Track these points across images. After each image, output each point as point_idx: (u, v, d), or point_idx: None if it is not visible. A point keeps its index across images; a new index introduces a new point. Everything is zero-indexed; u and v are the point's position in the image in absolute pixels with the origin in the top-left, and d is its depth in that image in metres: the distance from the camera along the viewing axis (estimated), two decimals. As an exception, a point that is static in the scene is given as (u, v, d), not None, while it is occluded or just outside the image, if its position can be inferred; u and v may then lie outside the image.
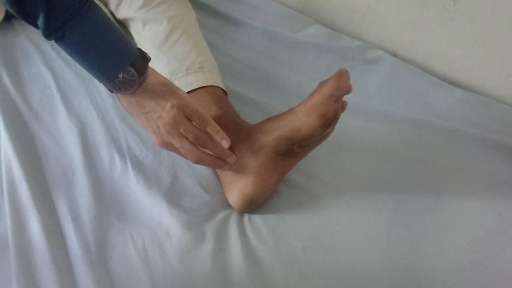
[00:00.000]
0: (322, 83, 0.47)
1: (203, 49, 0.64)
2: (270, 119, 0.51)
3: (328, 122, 0.48)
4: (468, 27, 0.72)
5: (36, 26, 0.41)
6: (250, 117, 0.59)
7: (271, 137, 0.49)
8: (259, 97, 0.68)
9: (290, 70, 0.75)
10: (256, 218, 0.52)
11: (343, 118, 0.65)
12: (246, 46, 0.79)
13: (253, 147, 0.50)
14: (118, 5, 0.70)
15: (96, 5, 0.42)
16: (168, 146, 0.48)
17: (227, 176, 0.53)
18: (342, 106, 0.50)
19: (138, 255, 0.48)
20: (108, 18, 0.43)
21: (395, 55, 0.82)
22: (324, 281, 0.47)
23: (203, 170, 0.57)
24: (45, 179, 0.53)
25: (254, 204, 0.52)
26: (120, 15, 0.70)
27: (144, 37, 0.66)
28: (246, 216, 0.53)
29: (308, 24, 0.85)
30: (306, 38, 0.81)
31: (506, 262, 0.50)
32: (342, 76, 0.46)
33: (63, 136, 0.58)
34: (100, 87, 0.65)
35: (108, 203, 0.52)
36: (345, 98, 0.70)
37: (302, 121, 0.47)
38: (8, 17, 0.73)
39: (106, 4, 0.72)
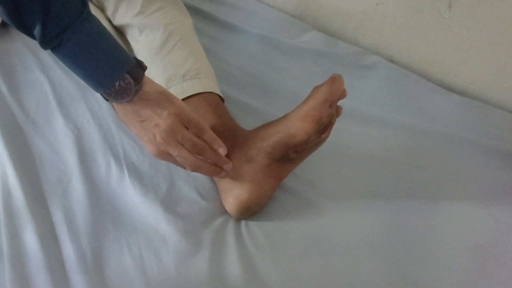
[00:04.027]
0: (315, 88, 0.47)
1: (199, 56, 0.64)
2: (266, 125, 0.51)
3: (323, 127, 0.48)
4: (463, 33, 0.72)
5: (32, 36, 0.41)
6: (247, 123, 0.59)
7: (266, 143, 0.49)
8: (256, 103, 0.68)
9: (287, 76, 0.75)
10: (253, 225, 0.52)
11: (340, 124, 0.65)
12: (243, 52, 0.79)
13: (249, 153, 0.50)
14: (115, 11, 0.70)
15: (91, 14, 0.42)
16: (164, 155, 0.48)
17: (223, 182, 0.53)
18: (337, 111, 0.50)
19: (134, 262, 0.47)
20: (103, 27, 0.43)
21: (391, 60, 0.83)
22: (321, 288, 0.47)
23: (200, 177, 0.56)
24: (41, 186, 0.53)
25: (251, 211, 0.52)
26: (117, 21, 0.70)
27: (141, 43, 0.66)
28: (243, 223, 0.53)
29: (305, 30, 0.86)
30: (303, 44, 0.81)
31: (503, 268, 0.50)
32: (335, 80, 0.46)
33: (59, 143, 0.58)
34: (97, 94, 0.65)
35: (104, 210, 0.52)
36: (342, 103, 0.70)
37: (296, 126, 0.47)
38: (4, 24, 0.73)
39: (103, 10, 0.72)
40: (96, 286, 0.45)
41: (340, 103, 0.69)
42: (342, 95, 0.48)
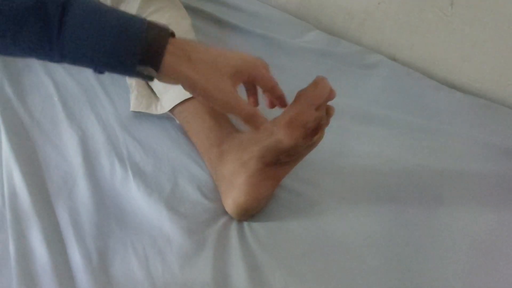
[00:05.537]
0: (299, 93, 0.47)
1: None
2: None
3: (310, 131, 0.47)
4: (466, 31, 0.72)
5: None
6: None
7: (257, 147, 0.49)
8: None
9: (289, 76, 0.75)
10: (256, 225, 0.52)
11: (343, 123, 0.65)
12: (245, 52, 0.79)
13: (243, 156, 0.50)
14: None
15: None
16: None
17: (223, 185, 0.53)
18: (328, 112, 0.49)
19: (139, 262, 0.48)
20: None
21: (394, 59, 0.83)
22: (324, 287, 0.47)
23: (204, 177, 0.57)
24: (46, 188, 0.54)
25: (250, 213, 0.52)
26: None
27: None
28: (246, 222, 0.53)
29: (307, 30, 0.86)
30: (305, 44, 0.81)
31: (508, 266, 0.49)
32: (318, 84, 0.45)
33: (64, 145, 0.59)
34: (101, 95, 0.65)
35: (109, 211, 0.52)
36: (345, 102, 0.70)
37: (282, 132, 0.46)
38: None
39: None
40: (102, 286, 0.45)
41: (343, 102, 0.69)
42: (330, 96, 0.46)
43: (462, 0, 0.70)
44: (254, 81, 0.44)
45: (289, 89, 0.72)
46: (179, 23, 0.67)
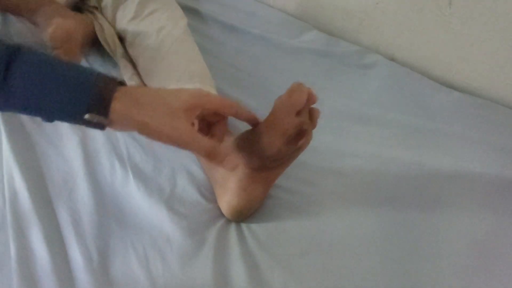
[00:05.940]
0: (276, 100, 0.46)
1: (193, 58, 0.64)
2: (243, 134, 0.50)
3: (293, 137, 0.46)
4: (465, 30, 0.72)
5: None
6: (246, 124, 0.59)
7: (242, 153, 0.48)
8: (256, 103, 0.68)
9: (288, 76, 0.75)
10: (255, 225, 0.52)
11: (341, 123, 0.66)
12: (243, 52, 0.79)
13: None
14: (113, 19, 0.71)
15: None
16: None
17: (217, 188, 0.54)
18: (313, 116, 0.47)
19: (139, 262, 0.48)
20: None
21: (392, 59, 0.83)
22: (323, 286, 0.47)
23: (203, 178, 0.57)
24: (47, 188, 0.54)
25: (244, 215, 0.52)
26: (117, 26, 0.71)
27: (135, 50, 0.66)
28: (245, 222, 0.53)
29: (306, 30, 0.86)
30: (304, 44, 0.82)
31: (506, 266, 0.50)
32: (294, 90, 0.44)
33: (64, 145, 0.59)
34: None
35: (109, 211, 0.53)
36: (343, 102, 0.70)
37: (264, 139, 0.45)
38: (7, 28, 0.73)
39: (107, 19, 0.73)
40: (102, 286, 0.46)
41: (341, 102, 0.69)
42: (311, 101, 0.45)
43: (461, 0, 0.70)
44: (215, 110, 0.43)
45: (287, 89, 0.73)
46: (175, 25, 0.67)
